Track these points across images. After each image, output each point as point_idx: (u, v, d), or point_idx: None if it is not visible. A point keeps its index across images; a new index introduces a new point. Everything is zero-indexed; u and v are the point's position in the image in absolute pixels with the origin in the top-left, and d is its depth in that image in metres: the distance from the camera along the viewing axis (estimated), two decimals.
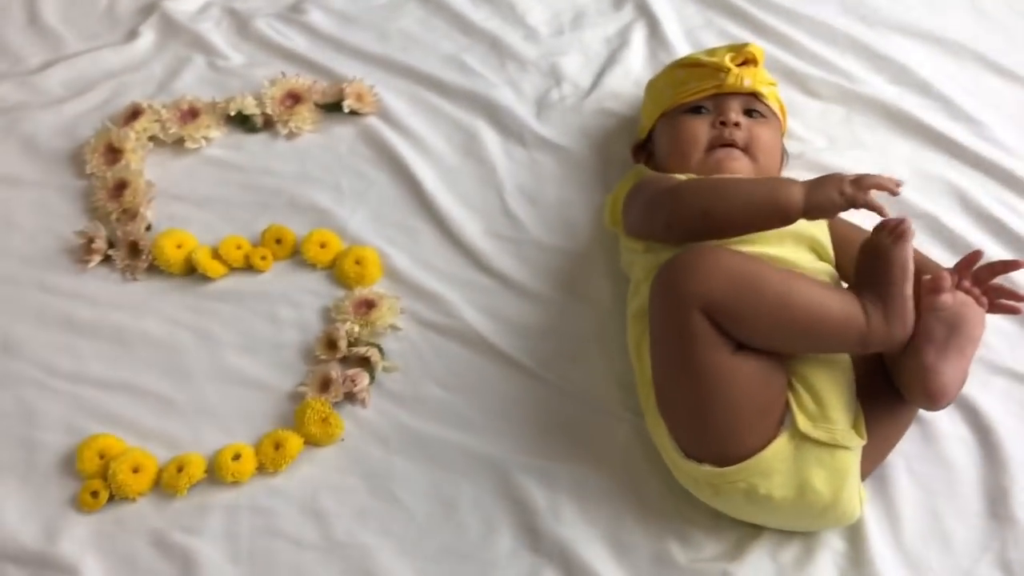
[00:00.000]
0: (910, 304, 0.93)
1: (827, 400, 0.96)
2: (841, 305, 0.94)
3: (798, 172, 1.26)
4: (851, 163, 1.31)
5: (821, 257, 1.09)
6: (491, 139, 1.35)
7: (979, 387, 1.13)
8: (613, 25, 1.51)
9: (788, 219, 0.98)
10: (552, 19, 1.52)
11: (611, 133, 1.37)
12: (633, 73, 1.44)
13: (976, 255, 1.00)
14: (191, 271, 1.19)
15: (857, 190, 0.95)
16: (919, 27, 1.51)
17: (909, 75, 1.44)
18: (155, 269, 1.19)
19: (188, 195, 1.28)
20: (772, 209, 0.98)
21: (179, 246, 1.19)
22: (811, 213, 0.97)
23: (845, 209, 0.96)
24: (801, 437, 0.94)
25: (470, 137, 1.35)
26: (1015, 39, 1.51)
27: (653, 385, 0.99)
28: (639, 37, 1.48)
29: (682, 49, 1.46)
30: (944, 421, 1.10)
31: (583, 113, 1.38)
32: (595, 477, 1.04)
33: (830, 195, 0.96)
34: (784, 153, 1.27)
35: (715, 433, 0.94)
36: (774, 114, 1.24)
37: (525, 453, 1.06)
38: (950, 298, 0.93)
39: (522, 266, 1.22)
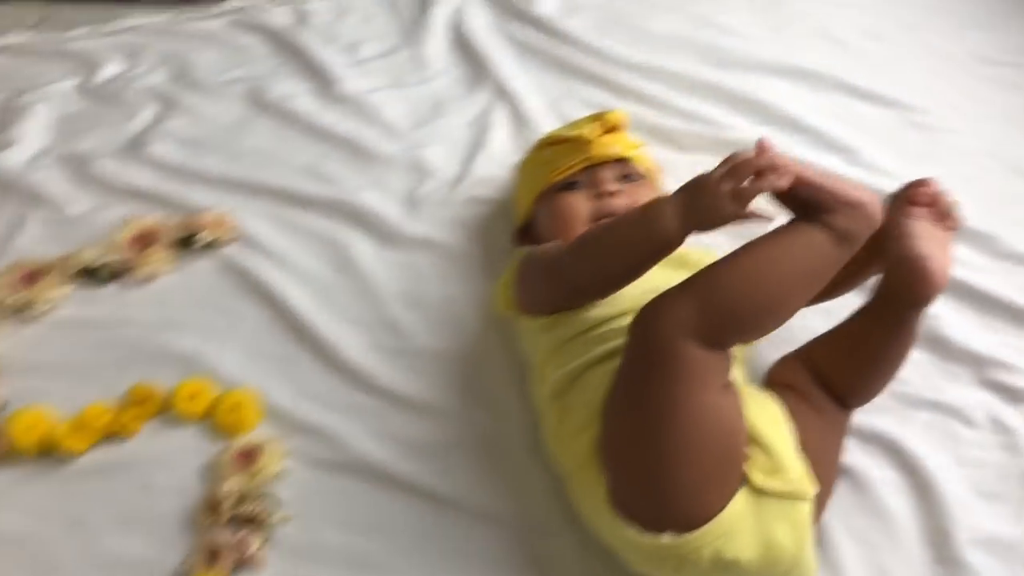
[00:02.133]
0: (845, 185, 0.90)
1: (777, 450, 0.91)
2: (810, 238, 0.89)
3: None
4: None
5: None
6: (362, 247, 1.28)
7: (899, 424, 1.10)
8: (472, 109, 1.46)
9: (673, 247, 0.93)
10: (409, 112, 1.46)
11: (487, 220, 1.31)
12: (500, 155, 1.39)
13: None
14: (48, 452, 1.08)
15: (737, 183, 0.87)
16: (776, 63, 1.51)
17: (775, 113, 1.43)
18: (12, 455, 1.08)
19: (42, 365, 1.16)
20: (655, 247, 0.94)
21: (32, 427, 1.08)
22: (702, 230, 0.91)
23: (736, 216, 0.89)
24: (759, 492, 0.89)
25: (340, 249, 1.28)
26: (871, 62, 1.52)
27: (604, 463, 0.92)
28: (501, 117, 1.44)
29: (546, 123, 1.42)
30: (871, 467, 1.06)
31: (455, 204, 1.33)
32: None
33: (705, 205, 0.89)
34: None
35: (684, 491, 0.87)
36: (647, 175, 1.21)
37: None
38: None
39: (412, 378, 1.15)
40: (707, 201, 0.89)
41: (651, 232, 0.93)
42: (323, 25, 1.61)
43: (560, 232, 1.14)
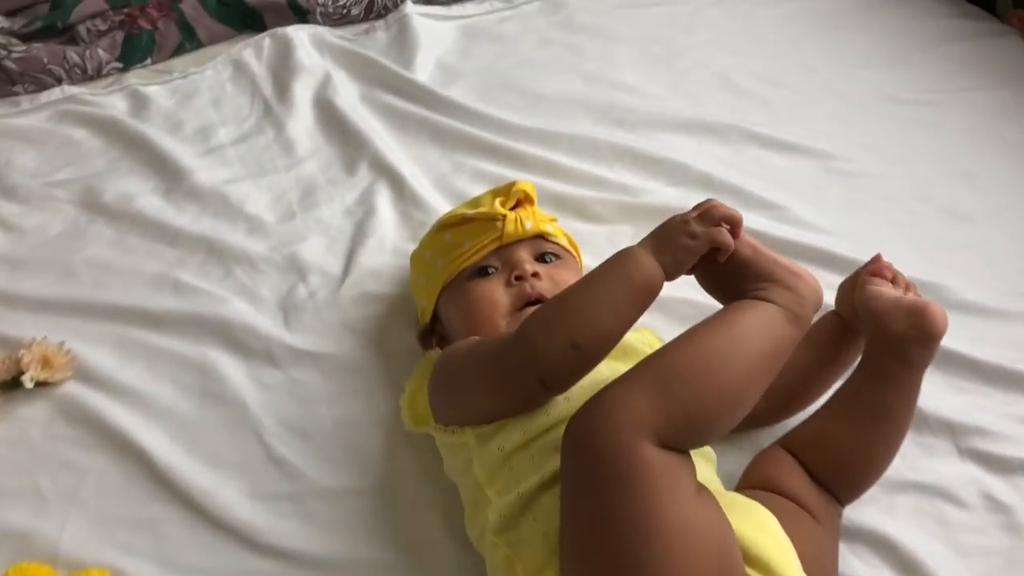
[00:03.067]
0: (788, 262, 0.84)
1: (782, 572, 0.74)
2: (766, 316, 0.79)
3: None
4: None
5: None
6: (232, 369, 1.06)
7: (885, 514, 0.95)
8: (351, 194, 1.27)
9: (656, 293, 0.83)
10: (276, 202, 1.26)
11: (382, 321, 1.12)
12: (388, 243, 1.20)
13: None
14: None
15: (708, 225, 0.82)
16: (680, 119, 1.39)
17: (686, 172, 1.30)
18: None
19: None
20: (639, 295, 0.81)
21: None
22: (673, 274, 0.83)
23: (704, 251, 0.83)
24: None
25: (205, 375, 1.05)
26: (776, 110, 1.42)
27: None
28: (384, 200, 1.26)
29: (436, 202, 1.25)
30: (865, 571, 0.90)
31: (341, 306, 1.13)
32: None
33: (681, 244, 0.82)
34: None
35: None
36: (567, 251, 1.04)
37: None
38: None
39: (308, 530, 0.93)
40: (677, 236, 0.82)
41: (632, 280, 0.80)
42: (165, 111, 1.40)
43: (476, 327, 0.96)
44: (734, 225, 0.83)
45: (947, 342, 1.07)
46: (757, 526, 0.77)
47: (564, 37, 1.58)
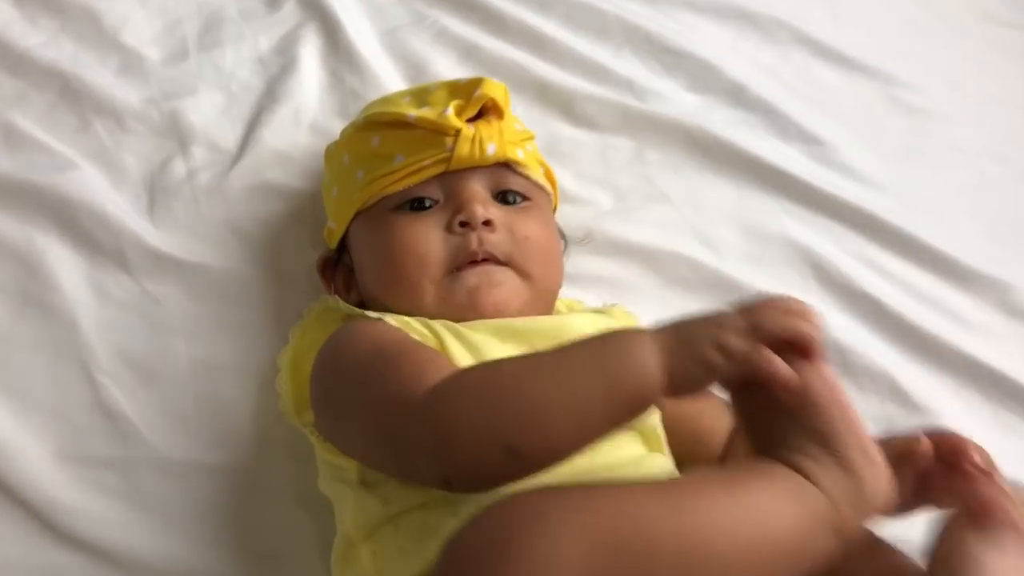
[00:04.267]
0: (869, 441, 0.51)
1: None
2: (801, 510, 0.48)
3: (583, 259, 0.80)
4: (651, 228, 0.87)
5: (651, 446, 0.66)
6: (65, 267, 0.78)
7: None
8: (267, 36, 0.95)
9: (645, 407, 0.53)
10: (165, 33, 0.94)
11: (282, 226, 0.83)
12: (307, 115, 0.90)
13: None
14: None
15: (756, 340, 0.51)
16: (721, 2, 1.06)
17: (713, 75, 1.00)
18: None
19: None
20: (622, 406, 0.51)
21: None
22: (679, 391, 0.52)
23: (733, 376, 0.51)
24: None
25: (24, 268, 0.78)
26: (840, 9, 1.10)
27: None
28: (310, 52, 0.94)
29: (381, 66, 0.94)
30: None
31: (229, 196, 0.84)
32: None
33: (703, 356, 0.51)
34: (562, 242, 0.79)
35: None
36: (540, 188, 0.76)
37: None
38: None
39: (135, 517, 0.69)
40: (701, 342, 0.51)
41: (616, 379, 0.51)
42: None
43: (389, 283, 0.70)
44: (805, 347, 0.52)
45: (1006, 367, 0.84)
46: None
47: None
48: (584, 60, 0.98)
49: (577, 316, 0.74)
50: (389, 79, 0.92)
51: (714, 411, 0.68)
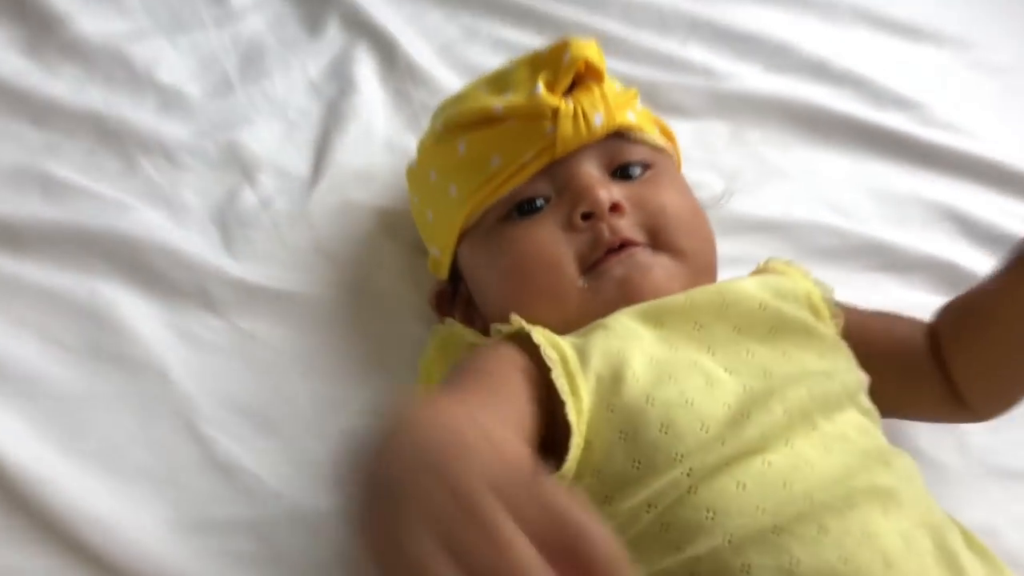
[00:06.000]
0: None
1: None
2: None
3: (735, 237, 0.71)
4: (777, 203, 0.79)
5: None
6: (140, 314, 0.66)
7: None
8: (316, 61, 0.87)
9: None
10: (203, 69, 0.84)
11: (375, 246, 0.73)
12: (379, 134, 0.81)
13: None
14: None
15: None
16: None
17: (791, 55, 0.94)
18: None
19: None
20: None
21: None
22: None
23: None
24: None
25: (92, 323, 0.65)
26: None
27: None
28: (367, 72, 0.86)
29: (445, 78, 0.85)
30: None
31: (314, 221, 0.73)
32: None
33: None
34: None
35: None
36: (660, 150, 0.66)
37: None
38: None
39: None
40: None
41: None
42: None
43: (526, 301, 0.58)
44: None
45: None
46: None
47: None
48: (654, 53, 0.91)
49: (738, 280, 0.64)
50: (457, 88, 0.84)
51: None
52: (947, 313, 0.61)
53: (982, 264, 0.72)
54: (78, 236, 0.68)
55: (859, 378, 0.56)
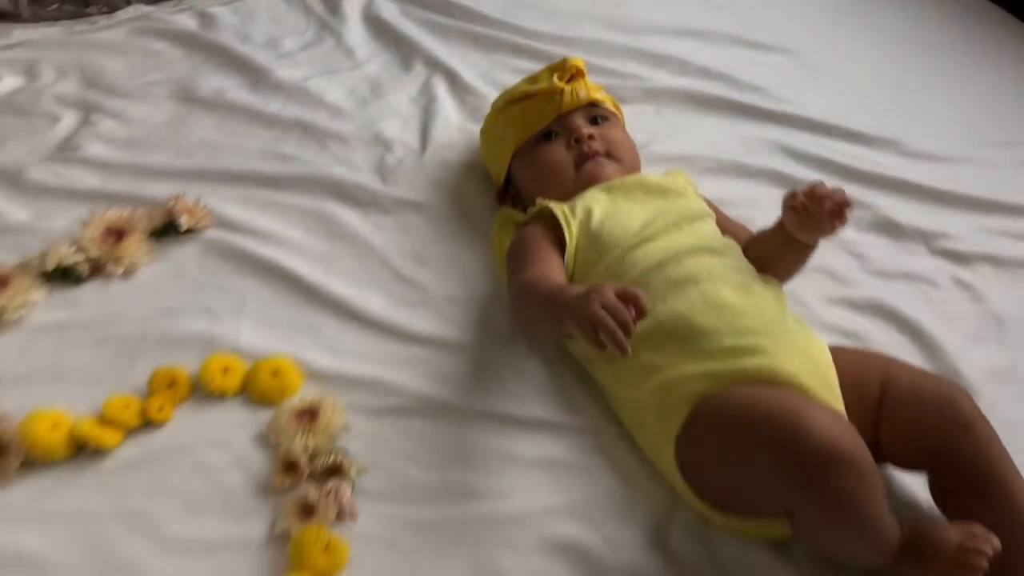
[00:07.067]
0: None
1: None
2: None
3: (655, 166, 1.31)
4: (679, 149, 1.39)
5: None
6: (350, 216, 1.26)
7: (886, 294, 1.21)
8: (412, 85, 1.49)
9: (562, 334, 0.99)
10: (349, 95, 1.47)
11: (462, 182, 1.33)
12: (454, 122, 1.42)
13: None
14: (77, 452, 0.97)
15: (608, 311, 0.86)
16: (673, 26, 1.67)
17: (686, 65, 1.57)
18: (31, 465, 0.95)
19: (34, 372, 1.04)
20: (556, 329, 0.96)
21: (55, 427, 0.97)
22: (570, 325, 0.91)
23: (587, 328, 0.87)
24: None
25: (327, 221, 1.25)
26: (746, 18, 1.71)
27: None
28: (442, 90, 1.48)
29: (485, 91, 1.47)
30: (876, 333, 1.17)
31: (427, 169, 1.34)
32: (617, 487, 0.97)
33: (580, 313, 0.88)
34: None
35: None
36: (613, 113, 1.27)
37: (543, 494, 0.97)
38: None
39: (440, 324, 1.13)
40: (578, 305, 0.88)
41: (554, 318, 0.94)
42: (232, 26, 1.59)
43: (545, 183, 1.18)
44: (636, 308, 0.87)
45: (914, 178, 1.37)
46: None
47: None
48: (605, 69, 1.54)
49: (650, 173, 1.24)
50: (492, 96, 1.43)
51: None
52: (749, 253, 1.09)
53: (800, 173, 1.34)
54: (308, 179, 1.29)
55: (706, 208, 1.17)
